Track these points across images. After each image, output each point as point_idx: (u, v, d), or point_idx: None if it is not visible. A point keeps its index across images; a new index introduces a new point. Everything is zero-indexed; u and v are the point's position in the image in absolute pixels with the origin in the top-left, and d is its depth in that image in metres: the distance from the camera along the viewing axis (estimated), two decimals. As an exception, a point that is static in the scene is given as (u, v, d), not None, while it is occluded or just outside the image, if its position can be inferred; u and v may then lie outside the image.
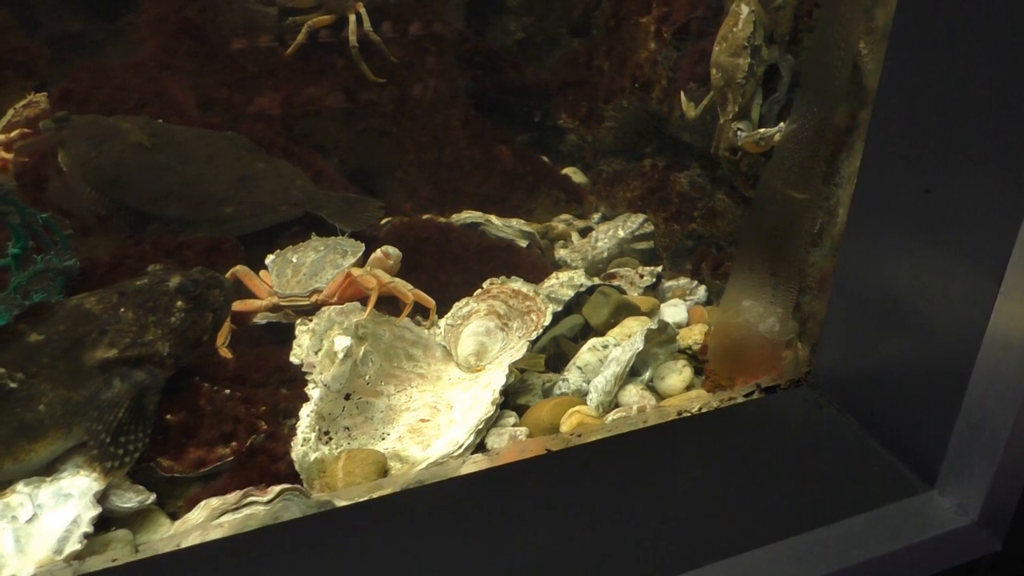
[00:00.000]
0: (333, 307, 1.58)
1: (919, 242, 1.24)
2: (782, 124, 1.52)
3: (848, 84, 1.44)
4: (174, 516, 1.37)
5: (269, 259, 1.78)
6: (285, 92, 2.33)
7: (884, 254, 1.31)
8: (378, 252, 1.80)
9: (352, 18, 2.33)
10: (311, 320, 1.55)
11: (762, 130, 1.59)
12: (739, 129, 1.63)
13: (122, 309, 1.36)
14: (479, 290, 1.73)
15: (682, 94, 1.86)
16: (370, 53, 2.35)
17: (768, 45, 1.62)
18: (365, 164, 2.47)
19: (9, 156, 1.88)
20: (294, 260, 1.74)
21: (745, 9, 1.60)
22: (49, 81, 2.09)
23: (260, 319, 1.75)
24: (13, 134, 1.92)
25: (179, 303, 1.41)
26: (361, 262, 1.80)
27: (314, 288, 1.72)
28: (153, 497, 1.34)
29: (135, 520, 1.35)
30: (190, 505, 1.36)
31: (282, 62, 2.33)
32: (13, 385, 1.27)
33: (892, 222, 1.29)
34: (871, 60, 1.44)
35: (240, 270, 1.74)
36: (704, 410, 1.44)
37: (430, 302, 1.71)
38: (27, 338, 1.29)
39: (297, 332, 1.56)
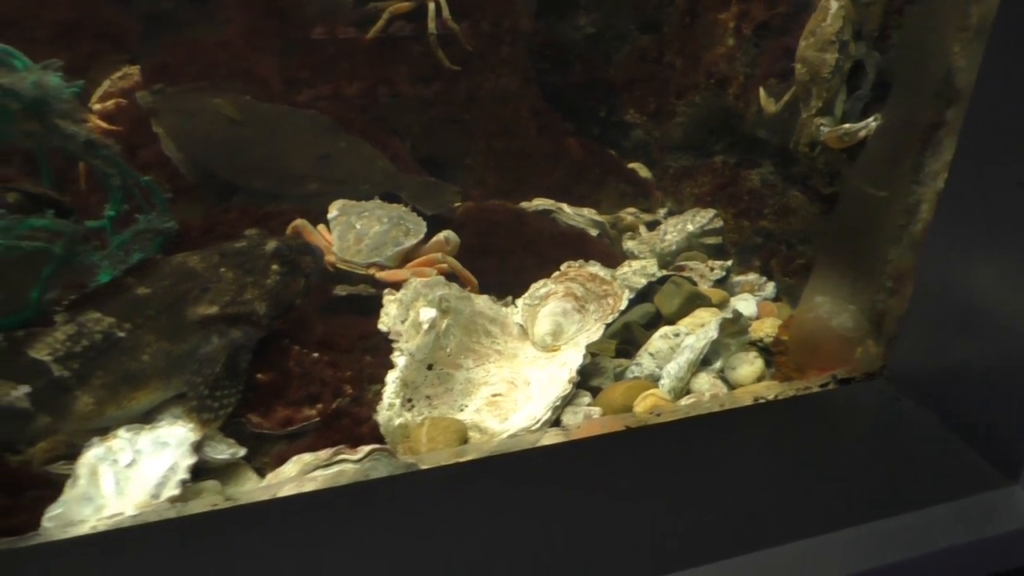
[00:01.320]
0: (419, 279, 1.62)
1: (1009, 238, 1.25)
2: (873, 118, 1.53)
3: (940, 81, 1.45)
4: (259, 471, 1.42)
5: (331, 214, 1.82)
6: (363, 75, 2.39)
7: (972, 251, 1.32)
8: (440, 236, 1.84)
9: (431, 6, 2.37)
10: (398, 290, 1.60)
11: (847, 125, 1.60)
12: (822, 124, 1.65)
13: (222, 269, 1.42)
14: (557, 272, 1.76)
15: (761, 90, 1.87)
16: (446, 41, 2.39)
17: (856, 41, 1.63)
18: (435, 149, 2.51)
19: (105, 124, 1.95)
20: (358, 227, 1.78)
21: (834, 4, 1.62)
22: (142, 55, 2.17)
23: (340, 291, 1.79)
24: (109, 104, 2.00)
25: (274, 266, 1.46)
26: (423, 242, 1.84)
27: (373, 262, 1.76)
28: (244, 451, 1.39)
29: (223, 472, 1.40)
30: (276, 461, 1.41)
31: (361, 46, 2.38)
32: (121, 335, 1.32)
33: (982, 219, 1.30)
34: (963, 57, 1.45)
35: (300, 223, 1.78)
36: (780, 397, 1.46)
37: (472, 280, 1.76)
38: (135, 291, 1.35)
39: (384, 301, 1.60)
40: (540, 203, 2.19)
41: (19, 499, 1.24)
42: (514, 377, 1.57)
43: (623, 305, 1.68)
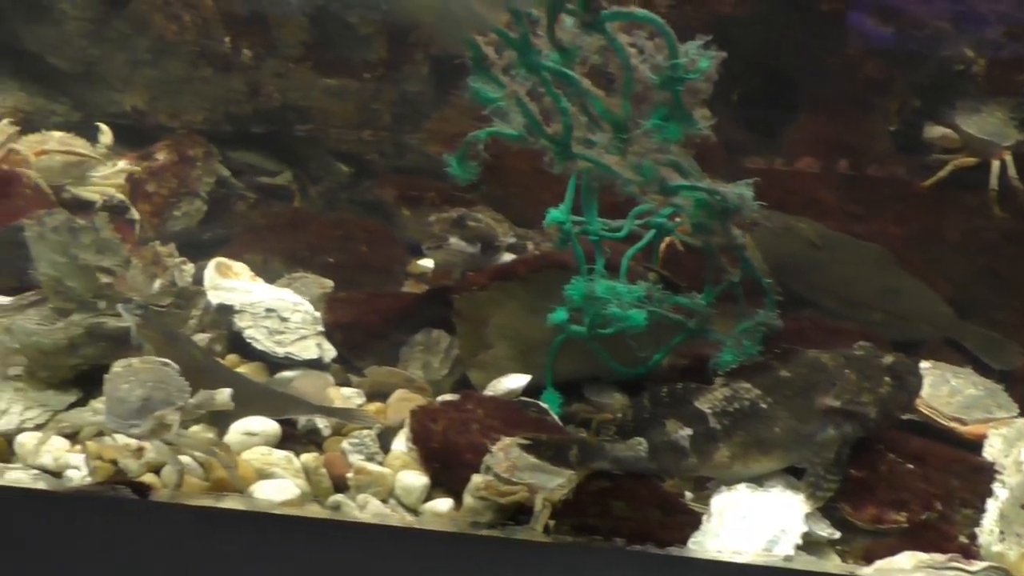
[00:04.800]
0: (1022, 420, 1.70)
1: None
2: None
3: None
4: (841, 556, 1.57)
5: (925, 365, 1.95)
6: (915, 218, 2.53)
7: None
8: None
9: (996, 164, 2.46)
10: (1004, 425, 1.69)
11: None
12: None
13: (846, 370, 1.63)
14: None
15: None
16: (1005, 197, 2.45)
17: None
18: (966, 297, 2.54)
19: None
20: (952, 383, 1.90)
21: None
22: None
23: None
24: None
25: (887, 378, 1.64)
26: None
27: (957, 417, 1.85)
28: (838, 534, 1.55)
29: (811, 548, 1.57)
30: (861, 553, 1.55)
31: (917, 191, 2.54)
32: (763, 406, 1.59)
33: None
34: None
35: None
36: None
37: None
38: (778, 373, 1.62)
39: (990, 434, 1.70)
40: (1103, 371, 2.12)
41: (671, 518, 1.53)
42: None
43: None
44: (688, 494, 1.66)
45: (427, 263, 2.62)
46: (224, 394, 1.51)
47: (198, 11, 2.80)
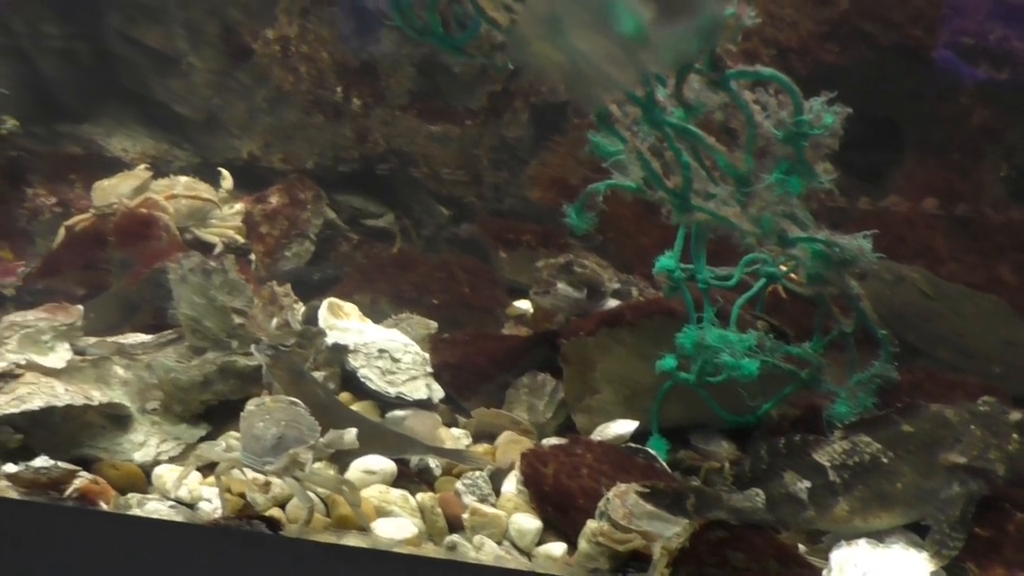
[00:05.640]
0: None
1: None
2: None
3: None
4: (963, 620, 1.53)
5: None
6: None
7: None
8: None
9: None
10: None
11: None
12: None
13: (972, 426, 1.60)
14: None
15: None
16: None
17: None
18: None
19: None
20: None
21: None
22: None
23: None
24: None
25: (1015, 435, 1.60)
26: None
27: None
28: (965, 597, 1.51)
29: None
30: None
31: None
32: (884, 460, 1.57)
33: None
34: None
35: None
36: None
37: None
38: (901, 427, 1.60)
39: None
40: None
41: (789, 571, 1.51)
42: None
43: None
44: (801, 547, 1.64)
45: (523, 305, 2.68)
46: (351, 434, 1.57)
47: (314, 63, 2.96)
